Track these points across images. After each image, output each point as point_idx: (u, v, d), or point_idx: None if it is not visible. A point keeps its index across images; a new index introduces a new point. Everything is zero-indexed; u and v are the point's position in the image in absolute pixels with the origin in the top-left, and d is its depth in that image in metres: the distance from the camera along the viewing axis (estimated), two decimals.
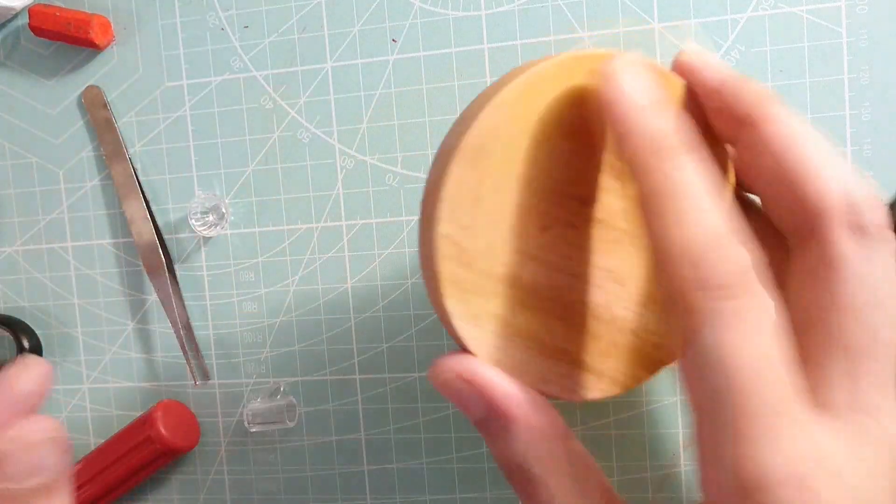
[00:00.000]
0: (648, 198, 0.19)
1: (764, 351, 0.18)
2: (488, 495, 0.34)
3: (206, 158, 0.35)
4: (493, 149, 0.21)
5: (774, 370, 0.18)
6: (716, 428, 0.18)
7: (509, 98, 0.21)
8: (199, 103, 0.35)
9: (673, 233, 0.19)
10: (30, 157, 0.37)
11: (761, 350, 0.18)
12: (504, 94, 0.21)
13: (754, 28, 0.31)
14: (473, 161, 0.21)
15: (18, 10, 0.36)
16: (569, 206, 0.22)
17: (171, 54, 0.35)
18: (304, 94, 0.34)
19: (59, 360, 0.37)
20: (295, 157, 0.34)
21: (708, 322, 0.18)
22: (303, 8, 0.34)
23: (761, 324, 0.18)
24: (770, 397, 0.18)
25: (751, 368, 0.18)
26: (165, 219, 0.36)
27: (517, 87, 0.21)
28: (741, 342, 0.18)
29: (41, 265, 0.37)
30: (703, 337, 0.18)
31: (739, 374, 0.18)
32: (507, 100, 0.21)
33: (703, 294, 0.18)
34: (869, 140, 0.30)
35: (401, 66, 0.33)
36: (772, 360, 0.18)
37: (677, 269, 0.18)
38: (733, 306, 0.18)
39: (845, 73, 0.30)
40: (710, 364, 0.18)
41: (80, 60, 0.36)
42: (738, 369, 0.18)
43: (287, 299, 0.35)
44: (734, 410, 0.18)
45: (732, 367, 0.18)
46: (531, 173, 0.21)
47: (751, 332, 0.18)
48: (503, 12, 0.32)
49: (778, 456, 0.17)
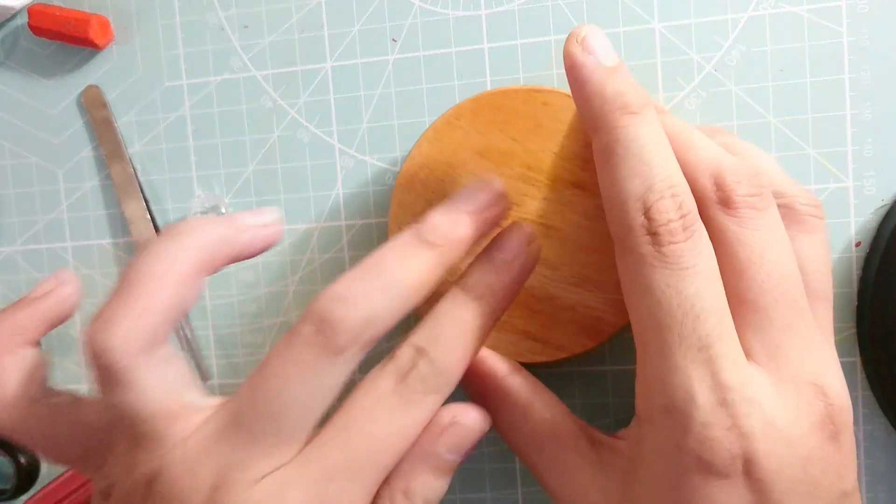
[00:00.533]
0: (613, 147, 0.22)
1: (703, 292, 0.20)
2: (489, 496, 0.34)
3: (206, 158, 0.35)
4: (423, 175, 0.28)
5: (714, 310, 0.20)
6: (654, 355, 0.21)
7: (431, 134, 0.28)
8: (199, 103, 0.35)
9: (634, 180, 0.21)
10: (29, 157, 0.37)
11: (700, 290, 0.20)
12: (429, 130, 0.28)
13: (755, 28, 0.31)
14: (409, 186, 0.28)
15: (18, 10, 0.36)
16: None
17: (171, 54, 0.35)
18: (304, 93, 0.34)
19: (58, 360, 0.37)
20: (295, 157, 0.34)
21: (657, 264, 0.20)
22: (302, 8, 0.34)
23: (701, 266, 0.21)
24: (705, 333, 0.20)
25: (691, 306, 0.20)
26: (165, 219, 0.36)
27: (438, 124, 0.28)
28: (682, 283, 0.20)
29: (41, 265, 0.37)
30: (649, 276, 0.21)
31: (680, 310, 0.20)
32: (428, 136, 0.28)
33: (651, 238, 0.21)
34: (870, 140, 0.30)
35: (401, 66, 0.33)
36: (709, 300, 0.20)
37: (631, 213, 0.21)
38: (679, 249, 0.20)
39: (846, 73, 0.30)
40: (655, 301, 0.20)
41: (79, 60, 0.36)
42: (678, 307, 0.20)
43: (287, 299, 0.35)
44: (672, 342, 0.20)
45: (674, 304, 0.20)
46: (458, 190, 0.25)
47: (692, 274, 0.20)
48: (503, 12, 0.32)
49: (704, 383, 0.20)
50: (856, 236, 0.31)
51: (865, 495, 0.31)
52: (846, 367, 0.31)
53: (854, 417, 0.31)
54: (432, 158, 0.28)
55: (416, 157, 0.28)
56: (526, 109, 0.27)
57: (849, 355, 0.31)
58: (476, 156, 0.28)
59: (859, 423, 0.31)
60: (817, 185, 0.31)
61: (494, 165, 0.28)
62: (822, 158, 0.31)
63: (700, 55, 0.31)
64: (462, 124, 0.28)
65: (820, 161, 0.31)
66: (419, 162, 0.28)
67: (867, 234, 0.30)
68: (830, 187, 0.31)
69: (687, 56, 0.31)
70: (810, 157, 0.31)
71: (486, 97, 0.28)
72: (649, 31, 0.31)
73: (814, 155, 0.31)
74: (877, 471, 0.31)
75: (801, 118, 0.31)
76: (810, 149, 0.31)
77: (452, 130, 0.28)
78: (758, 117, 0.31)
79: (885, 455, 0.31)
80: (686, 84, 0.31)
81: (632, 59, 0.31)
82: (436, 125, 0.28)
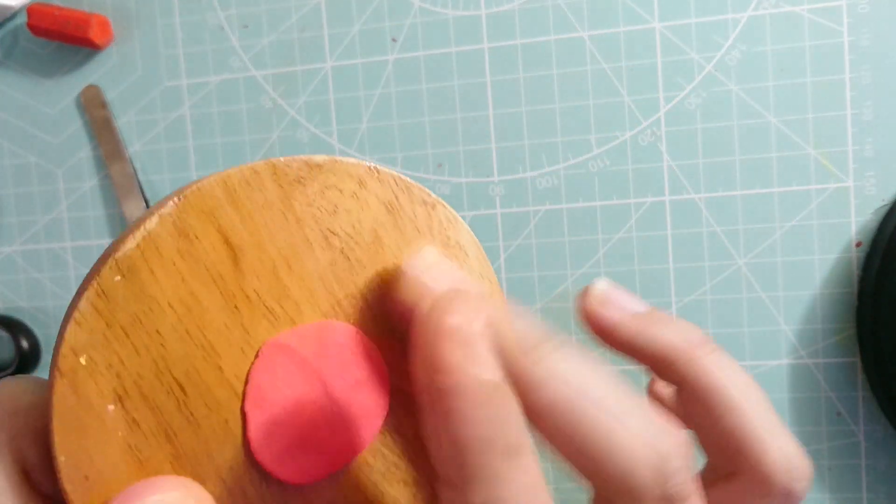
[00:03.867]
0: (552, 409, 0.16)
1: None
2: None
3: (206, 158, 0.35)
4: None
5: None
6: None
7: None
8: (199, 103, 0.35)
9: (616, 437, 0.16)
10: (29, 157, 0.37)
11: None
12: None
13: (755, 27, 0.31)
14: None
15: (17, 9, 0.36)
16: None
17: (171, 54, 0.35)
18: (304, 93, 0.34)
19: None
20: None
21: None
22: (302, 8, 0.34)
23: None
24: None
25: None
26: None
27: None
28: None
29: (40, 265, 0.37)
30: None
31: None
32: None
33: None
34: (870, 139, 0.30)
35: (401, 66, 0.33)
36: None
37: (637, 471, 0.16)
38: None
39: (846, 73, 0.30)
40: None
41: (78, 60, 0.36)
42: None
43: None
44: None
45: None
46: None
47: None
48: (503, 12, 0.32)
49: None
50: (856, 236, 0.31)
51: (865, 495, 0.31)
52: (846, 367, 0.31)
53: (854, 417, 0.31)
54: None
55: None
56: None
57: (849, 355, 0.31)
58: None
59: (860, 423, 0.31)
60: (817, 185, 0.31)
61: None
62: (823, 158, 0.31)
63: (700, 55, 0.31)
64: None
65: (820, 161, 0.31)
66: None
67: (867, 234, 0.30)
68: (830, 187, 0.31)
69: (687, 56, 0.31)
70: (810, 157, 0.31)
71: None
72: (649, 30, 0.31)
73: (814, 155, 0.31)
74: (877, 471, 0.31)
75: (801, 118, 0.31)
76: (810, 149, 0.31)
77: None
78: (758, 117, 0.31)
79: (886, 455, 0.31)
80: (686, 84, 0.31)
81: (632, 59, 0.31)
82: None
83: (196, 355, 0.16)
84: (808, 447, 0.31)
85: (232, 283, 0.16)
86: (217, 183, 0.16)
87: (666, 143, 0.31)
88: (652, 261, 0.32)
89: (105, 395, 0.15)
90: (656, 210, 0.32)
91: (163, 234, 0.15)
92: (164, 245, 0.15)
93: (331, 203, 0.17)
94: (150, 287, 0.15)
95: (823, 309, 0.31)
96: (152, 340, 0.15)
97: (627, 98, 0.32)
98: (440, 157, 0.33)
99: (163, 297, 0.15)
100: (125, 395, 0.15)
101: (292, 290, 0.17)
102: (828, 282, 0.31)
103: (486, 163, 0.33)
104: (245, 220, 0.16)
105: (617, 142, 0.32)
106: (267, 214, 0.17)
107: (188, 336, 0.16)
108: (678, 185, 0.31)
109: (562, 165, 0.32)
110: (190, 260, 0.15)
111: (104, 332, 0.15)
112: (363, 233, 0.18)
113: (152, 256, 0.15)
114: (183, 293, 0.15)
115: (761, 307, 0.31)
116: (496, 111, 0.33)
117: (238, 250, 0.16)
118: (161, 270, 0.15)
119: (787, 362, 0.31)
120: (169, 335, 0.15)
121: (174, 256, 0.15)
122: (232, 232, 0.16)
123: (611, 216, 0.32)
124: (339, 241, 0.18)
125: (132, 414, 0.15)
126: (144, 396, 0.15)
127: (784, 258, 0.31)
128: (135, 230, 0.15)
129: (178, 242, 0.15)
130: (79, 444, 0.14)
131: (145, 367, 0.15)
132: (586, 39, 0.32)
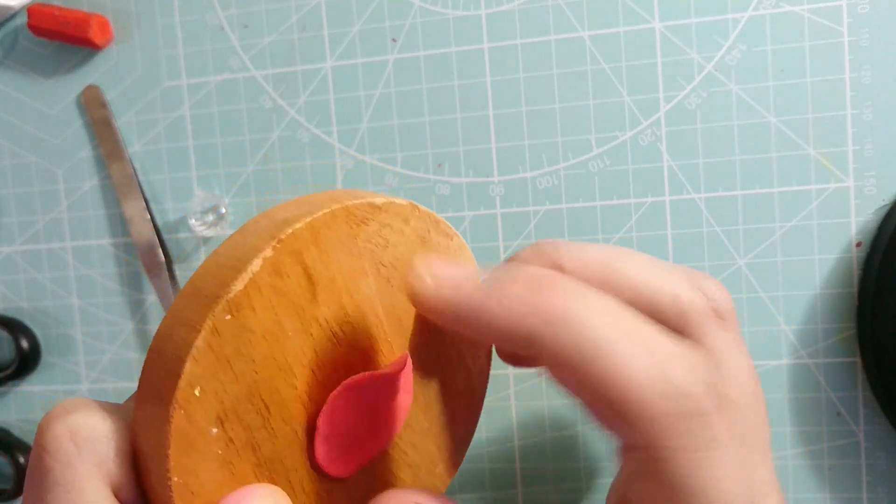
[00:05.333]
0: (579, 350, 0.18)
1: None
2: (489, 495, 0.34)
3: (206, 158, 0.35)
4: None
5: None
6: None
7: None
8: (199, 103, 0.35)
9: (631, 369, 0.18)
10: (29, 157, 0.37)
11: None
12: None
13: (755, 27, 0.31)
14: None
15: (17, 9, 0.36)
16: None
17: (171, 54, 0.35)
18: (304, 93, 0.34)
19: (57, 361, 0.37)
20: (294, 157, 0.34)
21: (681, 443, 0.18)
22: (302, 7, 0.34)
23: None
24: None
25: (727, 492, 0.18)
26: (164, 219, 0.36)
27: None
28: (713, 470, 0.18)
29: (40, 265, 0.37)
30: (678, 461, 0.18)
31: (723, 498, 0.18)
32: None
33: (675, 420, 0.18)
34: (871, 139, 0.30)
35: (401, 66, 0.33)
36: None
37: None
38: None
39: (846, 73, 0.30)
40: (685, 488, 0.18)
41: (78, 60, 0.36)
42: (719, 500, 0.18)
43: None
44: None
45: (714, 494, 0.18)
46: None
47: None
48: (503, 12, 0.32)
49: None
50: (856, 236, 0.31)
51: (865, 495, 0.31)
52: (846, 367, 0.31)
53: (854, 417, 0.31)
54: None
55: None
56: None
57: (849, 355, 0.31)
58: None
59: (860, 423, 0.31)
60: (817, 185, 0.31)
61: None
62: (823, 158, 0.31)
63: (700, 55, 0.31)
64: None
65: (820, 161, 0.31)
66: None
67: (868, 234, 0.30)
68: (831, 187, 0.31)
69: (687, 56, 0.31)
70: (810, 157, 0.31)
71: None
72: (649, 30, 0.31)
73: (814, 155, 0.31)
74: (877, 471, 0.31)
75: (801, 118, 0.31)
76: (810, 149, 0.31)
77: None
78: (758, 117, 0.31)
79: (885, 455, 0.31)
80: (686, 84, 0.31)
81: (632, 59, 0.31)
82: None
83: (278, 377, 0.18)
84: (808, 447, 0.31)
85: (308, 311, 0.18)
86: (306, 227, 0.18)
87: (666, 143, 0.31)
88: None
89: (210, 419, 0.17)
90: (656, 210, 0.32)
91: (263, 276, 0.17)
92: (263, 284, 0.17)
93: (384, 239, 0.20)
94: (249, 321, 0.17)
95: (823, 309, 0.31)
96: (248, 368, 0.17)
97: (627, 98, 0.32)
98: (440, 157, 0.33)
99: (259, 328, 0.17)
100: (225, 417, 0.17)
101: (350, 315, 0.19)
102: (828, 282, 0.31)
103: (486, 163, 0.33)
104: (322, 257, 0.18)
105: (617, 142, 0.32)
106: (339, 251, 0.19)
107: (274, 361, 0.18)
108: (678, 185, 0.31)
109: (562, 165, 0.32)
110: (280, 294, 0.18)
111: (214, 364, 0.16)
112: (403, 262, 0.21)
113: (255, 295, 0.17)
114: (272, 323, 0.18)
115: (761, 307, 0.31)
116: (496, 111, 0.33)
117: (316, 283, 0.18)
118: (260, 306, 0.17)
119: (787, 362, 0.31)
120: (261, 362, 0.17)
121: (270, 293, 0.17)
122: (313, 268, 0.18)
123: (611, 216, 0.32)
124: (385, 272, 0.20)
125: (230, 434, 0.17)
126: (239, 417, 0.17)
127: (784, 258, 0.31)
128: (240, 270, 0.17)
129: (273, 280, 0.17)
130: (188, 465, 0.16)
131: (241, 391, 0.17)
132: (586, 39, 0.32)
